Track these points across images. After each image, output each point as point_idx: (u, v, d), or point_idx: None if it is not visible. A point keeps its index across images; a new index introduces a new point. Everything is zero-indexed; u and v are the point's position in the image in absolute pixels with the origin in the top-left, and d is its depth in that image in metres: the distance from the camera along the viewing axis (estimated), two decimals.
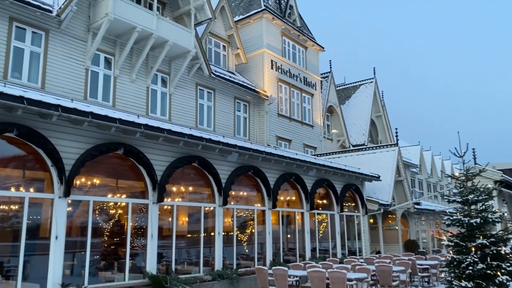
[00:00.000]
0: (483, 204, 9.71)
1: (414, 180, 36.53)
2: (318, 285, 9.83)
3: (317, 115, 25.82)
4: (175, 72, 17.31)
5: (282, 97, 23.25)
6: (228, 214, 13.01)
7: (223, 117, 19.76)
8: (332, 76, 28.90)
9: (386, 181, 21.09)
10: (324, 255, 16.23)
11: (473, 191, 9.82)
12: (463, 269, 9.03)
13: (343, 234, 17.91)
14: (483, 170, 11.27)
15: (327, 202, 17.64)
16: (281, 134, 22.59)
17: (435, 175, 41.25)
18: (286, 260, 14.55)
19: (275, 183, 14.23)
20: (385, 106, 33.84)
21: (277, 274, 10.47)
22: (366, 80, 33.25)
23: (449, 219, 9.88)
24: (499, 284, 8.62)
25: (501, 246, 9.01)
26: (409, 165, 33.57)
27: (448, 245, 9.74)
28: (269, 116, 21.86)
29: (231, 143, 11.93)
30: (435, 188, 41.00)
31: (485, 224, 9.44)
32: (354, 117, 31.09)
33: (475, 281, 8.83)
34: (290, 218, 16.02)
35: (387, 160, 22.50)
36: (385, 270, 11.28)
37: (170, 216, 11.25)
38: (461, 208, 9.96)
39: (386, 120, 33.65)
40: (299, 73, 24.74)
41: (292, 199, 16.11)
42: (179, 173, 11.52)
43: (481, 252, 9.01)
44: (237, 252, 13.04)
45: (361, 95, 32.54)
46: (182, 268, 11.54)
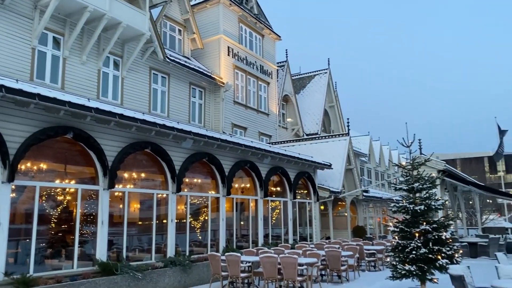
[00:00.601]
0: (427, 192, 10.24)
1: (363, 169, 37.78)
2: (270, 270, 10.02)
3: (272, 103, 26.00)
4: (128, 55, 16.79)
5: (238, 85, 23.20)
6: (182, 201, 12.90)
7: (177, 103, 19.45)
8: (288, 66, 29.14)
9: (337, 169, 21.71)
10: (276, 241, 16.52)
11: (418, 180, 10.33)
12: (407, 253, 9.51)
13: (295, 220, 18.29)
14: (428, 160, 11.88)
15: (280, 189, 17.92)
16: (236, 121, 22.59)
17: (383, 164, 42.85)
18: (239, 247, 14.68)
19: (230, 171, 14.25)
20: (338, 97, 34.61)
21: (229, 260, 10.55)
22: (320, 71, 33.81)
23: (395, 206, 10.36)
24: (439, 267, 9.16)
25: (442, 232, 9.56)
26: (359, 154, 34.65)
27: (393, 231, 10.22)
28: (225, 103, 21.76)
29: (185, 130, 11.79)
30: (383, 176, 42.62)
31: (429, 211, 9.98)
32: (308, 107, 31.60)
33: (418, 264, 9.33)
34: (244, 205, 16.13)
35: (339, 149, 23.13)
36: (334, 255, 11.66)
37: (121, 203, 11.00)
38: (406, 195, 10.45)
39: (339, 110, 34.47)
40: (256, 61, 24.75)
41: (247, 186, 16.22)
42: (131, 159, 11.26)
43: (424, 238, 9.53)
44: (190, 239, 12.99)
45: (316, 85, 33.09)
46: (133, 255, 11.37)
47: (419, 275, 9.37)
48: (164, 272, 10.86)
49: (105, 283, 9.34)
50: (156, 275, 10.60)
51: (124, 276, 9.72)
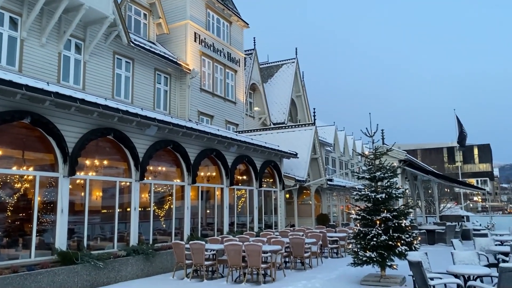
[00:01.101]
0: (388, 181, 10.52)
1: (328, 158, 38.42)
2: (234, 258, 10.05)
3: (240, 92, 25.89)
4: (91, 38, 16.22)
5: (205, 72, 22.92)
6: (146, 189, 12.70)
7: (142, 89, 19.03)
8: (256, 54, 29.04)
9: (302, 158, 21.95)
10: (242, 229, 16.58)
11: (380, 169, 10.58)
12: (368, 240, 9.76)
13: (260, 208, 18.40)
14: (390, 149, 12.17)
15: (246, 178, 17.95)
16: (203, 109, 22.37)
17: (347, 153, 43.71)
18: (204, 235, 14.63)
19: (195, 159, 14.12)
20: (305, 87, 34.87)
21: (194, 248, 10.51)
22: (288, 60, 33.91)
23: (357, 194, 10.58)
24: (399, 253, 9.46)
25: (402, 220, 9.85)
26: (325, 144, 35.16)
27: (355, 218, 10.46)
28: (191, 91, 21.48)
29: (149, 116, 11.55)
30: (347, 165, 43.51)
31: (389, 199, 10.26)
32: (276, 96, 31.69)
33: (379, 251, 9.60)
34: (210, 194, 16.06)
35: (305, 139, 23.37)
36: (298, 242, 11.82)
37: (82, 191, 10.71)
38: (369, 184, 10.70)
39: (305, 100, 34.75)
40: (223, 48, 24.51)
41: (213, 174, 16.15)
42: (93, 146, 10.95)
43: (385, 225, 9.80)
44: (154, 228, 12.84)
45: (283, 75, 33.18)
46: (95, 244, 11.12)
47: (379, 262, 9.65)
48: (127, 260, 10.70)
49: (64, 272, 9.10)
50: (118, 264, 10.43)
51: (85, 265, 9.52)
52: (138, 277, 10.93)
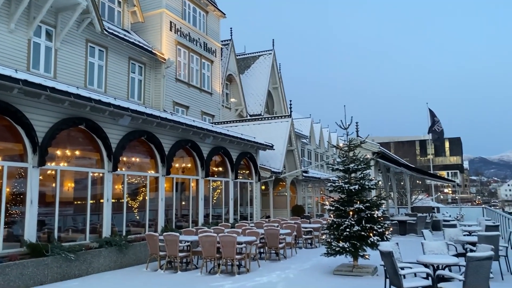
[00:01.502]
0: (362, 173, 10.67)
1: (304, 150, 38.68)
2: (209, 249, 10.03)
3: (216, 82, 25.71)
4: (63, 25, 15.74)
5: (180, 62, 22.64)
6: (119, 180, 12.49)
7: (116, 78, 18.64)
8: (232, 44, 28.84)
9: (278, 150, 22.03)
10: (217, 221, 16.56)
11: (353, 161, 10.71)
12: (341, 231, 9.89)
13: (236, 200, 18.40)
14: (363, 142, 12.32)
15: (222, 169, 17.89)
16: (178, 99, 22.12)
17: (322, 146, 44.10)
18: (178, 226, 14.55)
19: (170, 150, 13.97)
20: (282, 79, 34.91)
21: (168, 240, 10.43)
22: (265, 51, 33.83)
23: (332, 186, 10.70)
24: (371, 244, 9.62)
25: (374, 210, 10.02)
26: (300, 136, 35.37)
27: (329, 209, 10.58)
28: (166, 80, 21.18)
29: (123, 106, 11.34)
30: (322, 158, 43.92)
31: (363, 191, 10.40)
32: (252, 87, 31.62)
33: (351, 241, 9.75)
34: (185, 185, 15.95)
35: (281, 131, 23.44)
36: (272, 233, 11.89)
37: (53, 182, 10.45)
38: (343, 176, 10.82)
39: (282, 92, 34.81)
40: (199, 38, 24.24)
41: (188, 166, 16.02)
42: (64, 136, 10.69)
43: (358, 216, 9.94)
44: (128, 219, 12.68)
45: (260, 66, 33.10)
46: (66, 235, 10.89)
47: (352, 252, 9.80)
48: (99, 252, 10.54)
49: (33, 265, 8.89)
50: (90, 255, 10.26)
51: (56, 257, 9.32)
52: (111, 269, 10.79)
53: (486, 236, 9.37)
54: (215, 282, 9.08)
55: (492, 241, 9.12)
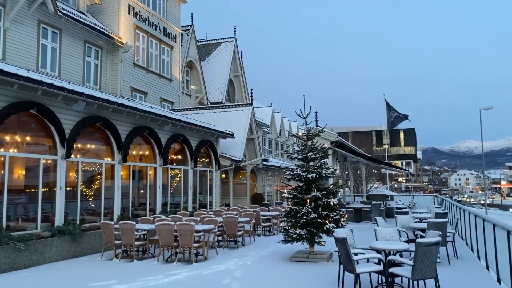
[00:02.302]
0: (319, 161, 10.85)
1: (265, 139, 38.91)
2: (166, 238, 9.92)
3: (176, 69, 25.25)
4: (12, 4, 14.90)
5: (139, 46, 22.05)
6: (73, 167, 12.08)
7: (70, 62, 17.91)
8: (193, 30, 28.36)
9: (239, 138, 22.02)
10: (175, 209, 16.39)
11: (312, 150, 10.87)
12: (298, 218, 10.05)
13: (195, 188, 18.28)
14: (321, 131, 12.52)
15: (181, 157, 17.68)
16: (136, 85, 21.57)
17: (283, 135, 44.52)
18: (135, 215, 14.29)
19: (126, 137, 13.62)
20: (243, 67, 34.77)
21: (123, 228, 10.22)
22: (226, 39, 33.51)
23: (290, 174, 10.82)
24: (327, 230, 9.84)
25: (330, 198, 10.24)
26: (261, 125, 35.51)
27: (287, 197, 10.71)
28: (124, 65, 20.60)
29: (77, 91, 10.91)
30: (283, 147, 44.37)
31: (320, 179, 10.59)
32: (214, 75, 31.31)
33: (308, 228, 9.93)
34: (142, 173, 15.64)
35: (242, 119, 23.41)
36: (231, 221, 11.91)
37: (2, 169, 9.96)
38: (301, 164, 10.97)
39: (243, 80, 34.70)
40: (159, 23, 23.66)
41: (146, 153, 15.72)
42: (13, 121, 10.18)
43: (315, 203, 10.13)
44: (82, 208, 12.31)
45: (221, 53, 32.79)
46: (16, 224, 10.45)
47: (308, 239, 9.99)
48: (51, 242, 10.19)
49: None
50: (41, 245, 9.90)
51: (4, 247, 8.93)
52: (64, 259, 10.47)
53: (435, 223, 9.81)
54: (172, 270, 9.01)
55: (441, 227, 9.56)
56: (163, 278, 8.33)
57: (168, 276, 8.46)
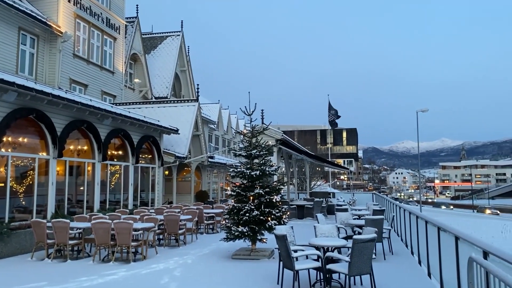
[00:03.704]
0: (263, 159, 10.86)
1: (212, 136, 38.60)
2: (102, 236, 9.50)
3: (119, 61, 24.37)
4: None
5: (80, 36, 21.03)
6: (3, 162, 11.28)
7: (2, 49, 16.71)
8: (138, 22, 27.51)
9: (184, 134, 21.65)
10: (115, 207, 15.80)
11: (256, 147, 10.86)
12: (241, 216, 10.00)
13: (137, 185, 17.73)
14: (266, 128, 12.56)
15: (122, 153, 17.07)
16: (76, 77, 20.57)
17: (230, 132, 44.41)
18: (72, 213, 13.61)
19: (63, 130, 12.91)
20: (190, 62, 34.27)
21: (57, 227, 9.67)
22: (173, 33, 32.86)
23: (233, 171, 10.74)
24: (268, 228, 9.87)
25: (273, 195, 10.28)
26: (208, 121, 35.16)
27: (231, 194, 10.63)
28: (63, 56, 19.55)
29: (7, 80, 10.17)
30: (230, 144, 44.27)
31: (264, 176, 10.60)
32: (159, 69, 30.59)
33: (250, 226, 9.91)
34: (80, 169, 14.93)
35: (187, 115, 23.04)
36: (172, 219, 11.65)
37: None
38: (245, 161, 10.93)
39: (190, 75, 34.20)
40: (102, 13, 22.69)
41: (84, 148, 15.01)
42: None
43: (258, 201, 10.13)
44: (12, 205, 11.51)
45: (167, 47, 32.10)
46: None
47: (250, 236, 9.97)
48: None
49: None
50: None
51: None
52: None
53: (372, 219, 10.12)
54: (108, 270, 8.63)
55: (377, 224, 9.89)
56: (98, 278, 7.96)
57: (103, 277, 8.09)
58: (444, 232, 6.60)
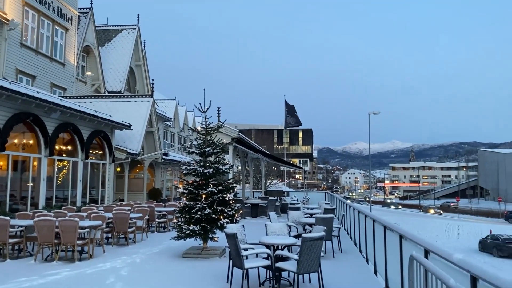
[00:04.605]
0: (217, 157, 10.78)
1: (167, 133, 37.97)
2: (46, 235, 9.07)
3: (70, 53, 23.42)
4: None
5: (28, 25, 20.01)
6: None
7: None
8: (92, 13, 26.55)
9: (137, 130, 21.14)
10: (62, 204, 15.17)
11: (210, 145, 10.76)
12: (193, 214, 9.88)
13: (86, 182, 17.12)
14: (220, 126, 12.48)
15: (71, 148, 16.42)
16: (23, 68, 19.55)
17: (186, 129, 43.87)
18: (14, 209, 12.91)
19: (6, 123, 12.22)
20: (146, 56, 33.53)
21: None
22: (129, 26, 32.01)
23: (186, 169, 10.59)
24: (220, 226, 9.80)
25: (226, 194, 10.23)
26: (164, 118, 34.56)
27: (183, 192, 10.47)
28: (9, 45, 18.54)
29: None
30: (185, 141, 43.73)
31: (217, 174, 10.52)
32: (113, 62, 29.70)
33: (202, 224, 9.81)
34: (25, 164, 14.22)
35: (141, 110, 22.52)
36: (122, 217, 11.33)
37: None
38: (199, 159, 10.80)
39: (146, 70, 33.46)
40: (53, 2, 21.71)
41: (29, 142, 14.31)
42: None
43: (211, 199, 10.04)
44: None
45: (123, 40, 31.22)
46: None
47: (202, 235, 9.87)
48: None
49: None
50: None
51: None
52: None
53: (323, 218, 10.31)
54: (51, 270, 8.25)
55: (328, 222, 10.08)
56: (39, 278, 7.58)
57: (44, 277, 7.72)
58: (390, 231, 6.81)
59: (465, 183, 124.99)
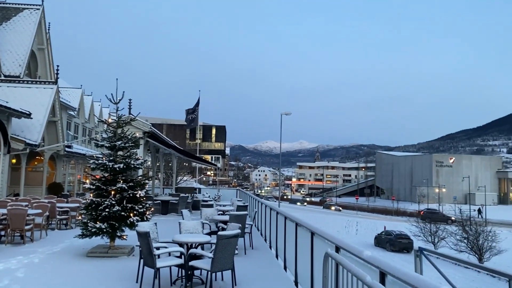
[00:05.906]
0: (129, 151, 10.30)
1: (71, 123, 35.50)
2: None
3: None
4: None
5: None
6: None
7: None
8: None
9: (38, 119, 19.50)
10: None
11: (121, 138, 10.24)
12: (100, 211, 9.33)
13: None
14: (133, 119, 11.96)
15: None
16: None
17: (92, 120, 41.42)
18: None
19: None
20: (50, 40, 31.00)
21: None
22: (32, 5, 29.32)
23: (94, 163, 9.97)
24: (130, 224, 9.38)
25: (137, 190, 9.81)
26: (68, 107, 32.23)
27: (89, 188, 9.84)
28: None
29: None
30: (91, 133, 41.28)
31: (128, 170, 10.05)
32: (11, 44, 26.98)
33: (110, 222, 9.30)
34: None
35: (43, 98, 20.83)
36: (18, 214, 10.33)
37: None
38: (108, 153, 10.22)
39: (50, 55, 30.92)
40: None
41: None
42: None
43: (120, 196, 9.56)
44: None
45: (24, 21, 28.50)
46: None
47: (109, 233, 9.37)
48: None
49: None
50: None
51: None
52: None
53: (236, 215, 10.37)
54: None
55: (241, 220, 10.16)
56: None
57: None
58: (301, 228, 7.04)
59: (364, 183, 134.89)
